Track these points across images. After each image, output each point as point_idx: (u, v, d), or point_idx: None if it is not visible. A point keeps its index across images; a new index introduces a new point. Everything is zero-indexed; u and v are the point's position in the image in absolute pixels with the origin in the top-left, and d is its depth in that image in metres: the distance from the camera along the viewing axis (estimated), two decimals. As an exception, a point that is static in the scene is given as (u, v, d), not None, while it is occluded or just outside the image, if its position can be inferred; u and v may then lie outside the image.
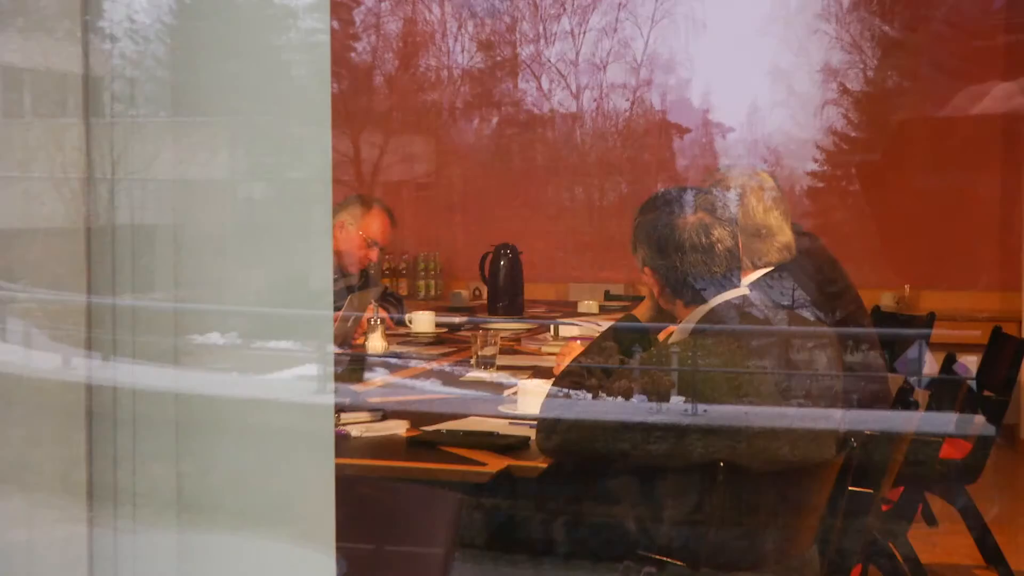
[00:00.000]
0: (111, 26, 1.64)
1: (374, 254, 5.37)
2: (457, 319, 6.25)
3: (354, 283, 5.25)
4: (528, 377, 4.29)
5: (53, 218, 1.64)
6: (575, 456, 3.34)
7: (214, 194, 1.76)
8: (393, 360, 4.95)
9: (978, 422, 4.59)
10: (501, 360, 4.71)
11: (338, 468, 1.64)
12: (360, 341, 4.99)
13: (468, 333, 5.52)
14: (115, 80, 1.65)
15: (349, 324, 4.87)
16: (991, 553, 4.56)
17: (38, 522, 1.73)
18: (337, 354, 4.45)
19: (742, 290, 3.31)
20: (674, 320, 3.34)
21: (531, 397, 3.75)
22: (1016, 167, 7.20)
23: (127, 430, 1.61)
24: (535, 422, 3.47)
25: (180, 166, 1.69)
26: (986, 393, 4.84)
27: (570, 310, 6.83)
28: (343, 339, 4.76)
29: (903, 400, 4.47)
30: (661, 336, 3.40)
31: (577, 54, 8.50)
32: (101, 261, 1.61)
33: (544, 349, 5.30)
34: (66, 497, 1.63)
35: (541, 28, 8.64)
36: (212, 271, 1.70)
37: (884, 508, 4.01)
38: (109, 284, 1.62)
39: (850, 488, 3.42)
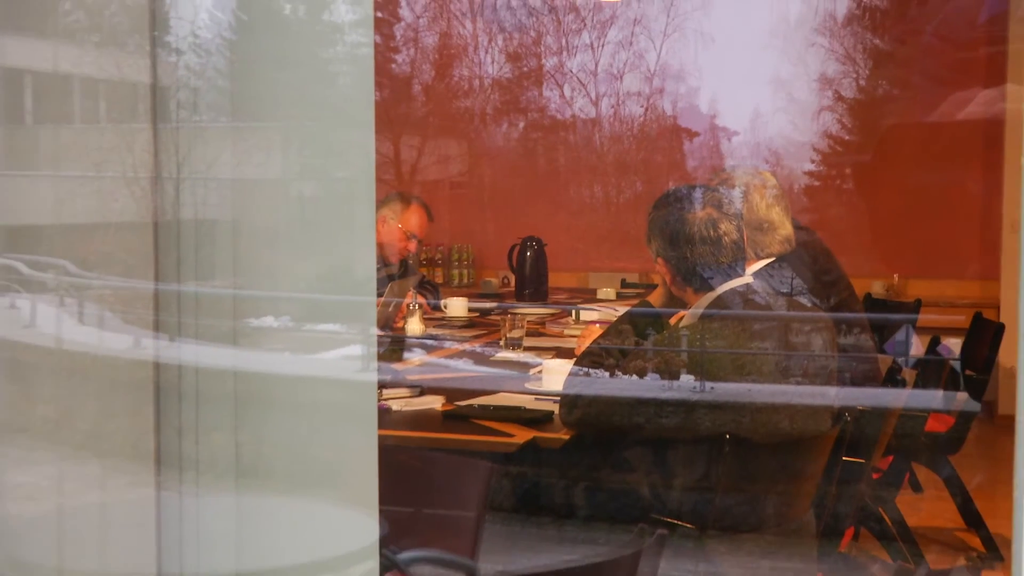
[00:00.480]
0: (176, 41, 1.64)
1: (413, 246, 5.37)
2: (488, 304, 6.25)
3: (395, 272, 5.26)
4: (552, 357, 4.28)
5: (124, 213, 1.64)
6: (594, 429, 3.34)
7: (268, 192, 1.76)
8: (430, 341, 4.95)
9: (960, 399, 4.59)
10: (527, 342, 4.72)
11: (380, 439, 1.64)
12: (400, 324, 4.98)
13: (497, 317, 5.53)
14: (180, 89, 1.65)
15: (390, 309, 4.87)
16: (972, 517, 4.55)
17: (112, 486, 1.73)
18: (379, 336, 4.46)
19: (746, 279, 3.30)
20: (684, 306, 3.34)
21: (554, 375, 3.76)
22: (996, 167, 7.18)
23: (190, 404, 1.62)
24: (558, 398, 3.47)
25: (238, 167, 1.69)
26: (968, 372, 4.83)
27: (590, 296, 6.83)
28: (384, 322, 4.76)
29: (892, 378, 4.47)
30: (672, 320, 3.40)
31: (596, 65, 8.49)
32: (167, 252, 1.61)
33: (566, 332, 5.30)
34: (136, 464, 1.64)
35: (563, 41, 8.62)
36: (266, 261, 1.70)
37: (875, 476, 4.01)
38: (174, 273, 1.62)
39: (844, 458, 3.42)
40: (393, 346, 4.63)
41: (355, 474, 1.63)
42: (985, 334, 5.08)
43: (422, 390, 3.84)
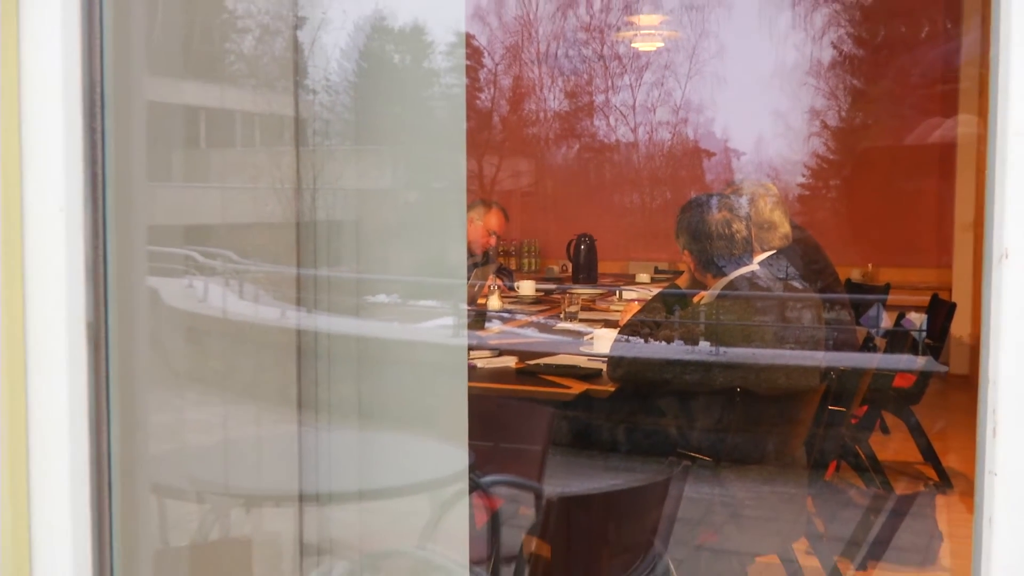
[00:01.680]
0: (313, 83, 1.65)
1: (493, 241, 5.38)
2: (550, 286, 6.24)
3: (479, 261, 5.26)
4: (600, 327, 4.28)
5: (274, 215, 1.65)
6: (633, 383, 3.33)
7: (382, 199, 1.76)
8: (505, 315, 4.96)
9: (921, 361, 4.53)
10: (581, 315, 4.71)
11: (468, 389, 1.64)
12: (483, 301, 5.00)
13: (558, 296, 5.52)
14: (315, 120, 1.66)
15: (475, 289, 4.89)
16: (928, 454, 4.51)
17: (264, 423, 1.74)
18: (468, 310, 4.47)
19: (753, 267, 3.28)
20: (704, 288, 3.32)
21: (603, 341, 3.75)
22: (950, 179, 7.16)
23: (324, 361, 1.62)
24: (606, 358, 3.47)
25: (359, 179, 1.69)
26: (927, 341, 4.77)
27: (630, 280, 6.80)
28: (471, 300, 4.77)
29: (867, 345, 4.44)
30: (695, 299, 3.38)
31: (634, 101, 8.45)
32: (306, 245, 1.62)
33: (612, 308, 5.28)
34: (282, 407, 1.64)
35: (609, 82, 8.59)
36: (381, 252, 1.70)
37: (853, 421, 3.97)
38: (311, 260, 1.63)
39: (829, 407, 3.39)
40: (477, 318, 4.64)
41: (449, 416, 1.63)
42: (940, 311, 5.05)
43: (500, 352, 3.85)
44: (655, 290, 4.32)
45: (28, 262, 1.11)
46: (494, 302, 5.01)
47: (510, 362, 3.75)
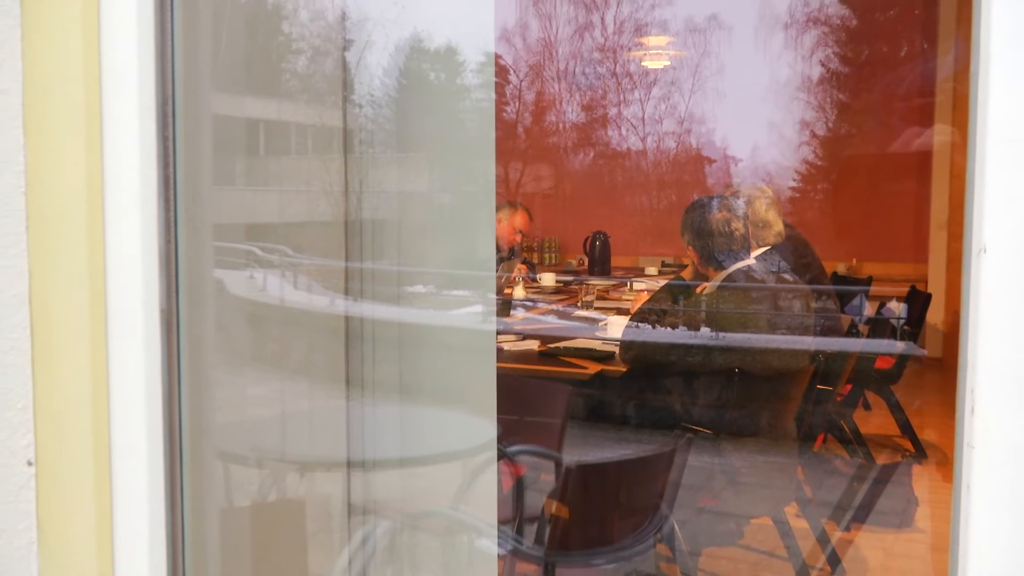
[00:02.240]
0: (359, 98, 1.65)
1: (518, 238, 5.38)
2: (569, 278, 6.24)
3: (505, 256, 5.27)
4: (614, 314, 4.28)
5: (324, 215, 1.65)
6: (643, 364, 3.33)
7: (420, 201, 1.75)
8: (529, 303, 4.96)
9: (899, 346, 4.50)
10: (596, 304, 4.71)
11: (497, 369, 1.64)
12: (509, 291, 5.00)
13: (576, 287, 5.52)
14: (361, 131, 1.65)
15: (503, 280, 4.89)
16: (906, 428, 4.49)
17: (316, 398, 1.75)
18: (496, 299, 4.48)
19: (749, 261, 3.27)
20: (706, 279, 3.31)
21: (615, 327, 3.76)
22: (926, 183, 7.12)
23: (368, 344, 1.63)
24: (618, 342, 3.47)
25: (400, 183, 1.69)
26: (905, 327, 4.74)
27: (640, 273, 6.81)
28: (499, 290, 4.77)
29: (851, 331, 4.42)
30: (698, 290, 3.37)
31: (644, 113, 8.43)
32: (353, 241, 1.62)
33: (623, 297, 5.29)
34: (332, 384, 1.65)
35: (621, 96, 8.57)
36: (419, 247, 1.70)
37: (838, 399, 3.95)
38: (357, 254, 1.63)
39: (817, 386, 3.38)
40: (504, 306, 4.65)
41: (479, 392, 1.62)
42: (917, 301, 5.04)
43: (524, 336, 3.85)
44: (662, 282, 4.31)
45: (109, 255, 1.12)
46: (519, 292, 5.02)
47: (533, 345, 3.76)
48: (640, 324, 3.41)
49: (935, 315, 6.18)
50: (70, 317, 1.12)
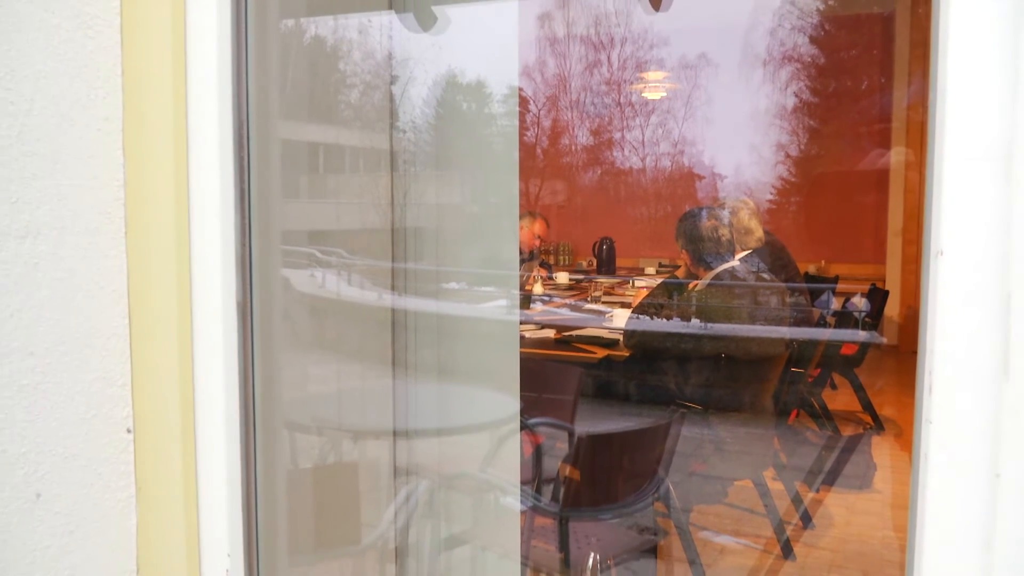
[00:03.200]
0: (403, 124, 1.64)
1: (537, 243, 5.37)
2: (580, 276, 6.24)
3: (526, 258, 5.26)
4: (618, 307, 4.26)
5: (374, 223, 1.65)
6: (643, 350, 3.31)
7: (455, 211, 1.75)
8: (546, 298, 4.95)
9: (862, 335, 4.46)
10: (604, 299, 4.69)
11: (519, 353, 1.63)
12: (529, 288, 4.99)
13: (586, 284, 5.52)
14: (404, 152, 1.65)
15: (524, 278, 4.88)
16: (866, 405, 4.45)
17: (367, 378, 1.75)
18: (518, 294, 4.47)
19: (734, 263, 3.24)
20: (697, 278, 3.29)
21: (620, 318, 3.75)
22: (884, 196, 7.07)
23: (412, 332, 1.62)
24: (622, 331, 3.45)
25: (437, 196, 1.68)
26: (867, 319, 4.69)
27: (640, 272, 6.78)
28: (521, 286, 4.77)
29: (820, 323, 4.38)
30: (690, 287, 3.35)
31: (643, 137, 8.41)
32: (398, 245, 1.62)
33: (626, 293, 5.26)
34: (381, 365, 1.64)
35: (624, 123, 8.55)
36: (453, 250, 1.69)
37: (809, 380, 3.92)
38: (402, 256, 1.62)
39: (791, 369, 3.35)
40: (525, 300, 4.64)
41: (504, 373, 1.62)
42: (877, 297, 5.01)
43: (542, 325, 3.84)
44: (659, 280, 4.29)
45: (194, 256, 1.12)
46: (538, 288, 5.02)
47: (550, 333, 3.75)
48: (641, 316, 3.39)
49: (892, 308, 6.13)
50: (161, 308, 1.12)
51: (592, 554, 2.38)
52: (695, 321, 3.17)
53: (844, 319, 4.54)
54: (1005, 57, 0.71)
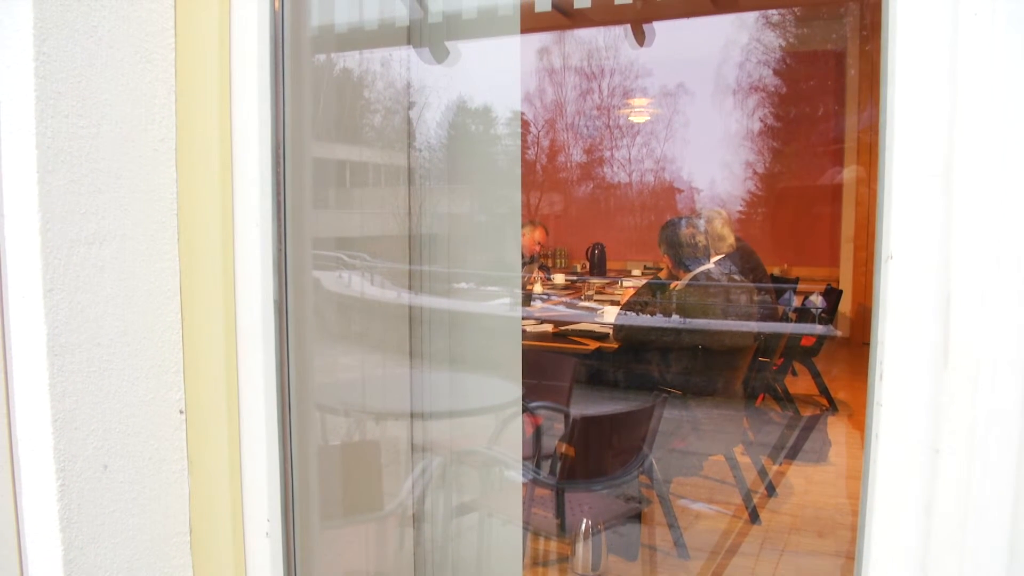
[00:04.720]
0: (419, 144, 1.64)
1: (538, 248, 5.36)
2: (574, 277, 6.23)
3: (528, 261, 5.25)
4: (608, 305, 4.25)
5: (394, 230, 1.64)
6: (630, 342, 3.30)
7: (464, 220, 1.74)
8: (545, 296, 4.95)
9: (819, 328, 4.45)
10: (595, 297, 4.68)
11: (521, 345, 1.63)
12: (531, 287, 4.99)
13: (580, 284, 5.50)
14: (420, 168, 1.65)
15: (525, 279, 4.87)
16: (823, 389, 4.44)
17: (388, 365, 1.74)
18: (520, 293, 4.46)
19: (710, 266, 3.23)
20: (677, 279, 3.29)
21: (610, 314, 3.73)
22: (837, 207, 7.07)
23: (427, 326, 1.62)
24: (612, 326, 3.44)
25: (449, 207, 1.68)
26: (823, 315, 4.68)
27: (628, 274, 6.77)
28: (523, 286, 4.76)
29: (783, 317, 4.37)
30: (671, 287, 3.35)
31: (630, 155, 8.40)
32: (415, 249, 1.61)
33: (615, 292, 5.25)
34: (399, 355, 1.64)
35: (613, 143, 8.54)
36: (463, 254, 1.69)
37: (774, 368, 3.91)
38: (418, 259, 1.62)
39: (759, 359, 3.34)
40: (527, 298, 4.64)
41: (508, 362, 1.61)
42: (832, 295, 4.99)
43: (541, 320, 3.83)
44: (644, 281, 4.29)
45: (237, 260, 1.12)
46: (538, 288, 5.01)
47: (548, 327, 3.74)
48: (628, 312, 3.38)
49: (845, 305, 6.12)
50: (209, 305, 1.12)
51: (585, 520, 2.38)
52: (675, 317, 3.16)
53: (804, 315, 4.53)
54: (943, 89, 0.71)
